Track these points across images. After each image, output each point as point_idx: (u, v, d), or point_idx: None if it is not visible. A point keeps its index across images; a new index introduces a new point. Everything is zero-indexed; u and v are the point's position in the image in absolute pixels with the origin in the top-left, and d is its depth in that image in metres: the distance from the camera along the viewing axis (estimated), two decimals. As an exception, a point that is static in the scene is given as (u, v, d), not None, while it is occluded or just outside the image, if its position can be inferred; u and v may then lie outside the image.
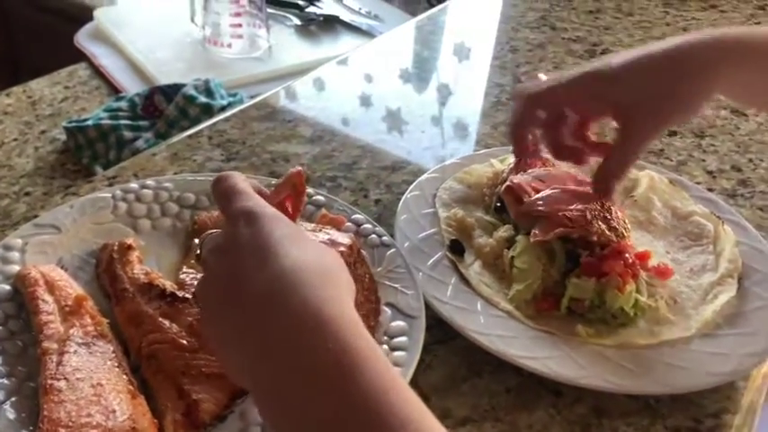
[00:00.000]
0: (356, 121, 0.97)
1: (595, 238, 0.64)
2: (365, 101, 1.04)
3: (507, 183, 0.70)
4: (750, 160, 0.92)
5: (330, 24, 1.51)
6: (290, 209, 0.53)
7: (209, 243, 0.47)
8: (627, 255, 0.64)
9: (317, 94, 1.05)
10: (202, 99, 1.13)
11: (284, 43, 1.43)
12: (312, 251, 0.43)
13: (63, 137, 1.14)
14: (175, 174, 0.80)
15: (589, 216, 0.65)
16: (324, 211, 0.70)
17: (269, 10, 1.43)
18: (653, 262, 0.68)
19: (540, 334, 0.61)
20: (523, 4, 1.35)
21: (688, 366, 0.59)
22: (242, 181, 0.48)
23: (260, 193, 0.50)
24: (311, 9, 1.54)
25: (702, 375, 0.58)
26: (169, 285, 0.60)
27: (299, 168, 0.54)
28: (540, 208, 0.67)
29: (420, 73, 1.15)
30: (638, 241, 0.71)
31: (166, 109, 1.14)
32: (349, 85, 1.08)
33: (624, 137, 0.62)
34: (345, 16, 1.53)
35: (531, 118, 0.67)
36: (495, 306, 0.64)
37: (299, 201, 0.54)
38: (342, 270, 0.44)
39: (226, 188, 0.47)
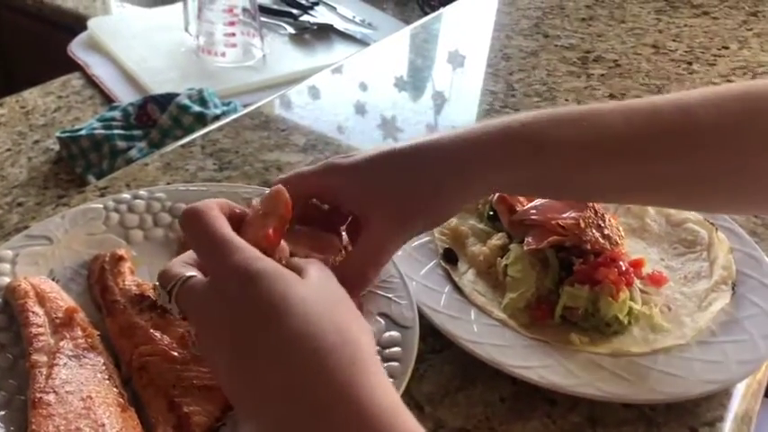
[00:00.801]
0: (351, 130, 0.97)
1: (589, 246, 0.64)
2: (360, 109, 1.04)
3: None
4: (744, 166, 0.92)
5: (324, 33, 1.52)
6: (271, 234, 0.47)
7: (191, 297, 0.43)
8: (620, 262, 0.64)
9: (311, 103, 1.04)
10: (196, 108, 1.13)
11: (278, 52, 1.44)
12: (325, 313, 0.40)
13: (56, 147, 1.13)
14: (168, 184, 0.80)
15: (582, 224, 0.65)
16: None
17: (263, 19, 1.43)
18: (647, 269, 0.68)
19: (534, 343, 0.61)
20: (517, 12, 1.35)
21: (683, 374, 0.59)
22: (216, 219, 0.43)
23: (233, 216, 0.45)
24: (305, 18, 1.54)
25: (698, 383, 0.58)
26: (161, 296, 0.59)
27: (282, 191, 0.47)
28: (533, 217, 0.66)
29: (414, 81, 1.15)
30: (631, 249, 0.71)
31: (160, 118, 1.14)
32: (343, 94, 1.08)
33: (361, 242, 0.52)
34: (339, 25, 1.53)
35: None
36: (488, 315, 0.63)
37: (283, 226, 0.47)
38: (356, 322, 0.41)
39: (202, 236, 0.42)
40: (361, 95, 1.08)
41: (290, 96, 1.05)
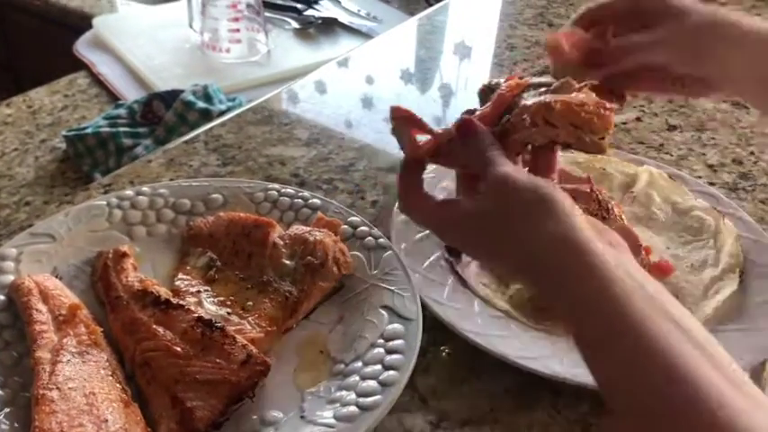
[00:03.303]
0: (357, 123, 0.97)
1: (593, 236, 0.63)
2: (366, 102, 1.03)
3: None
4: (751, 153, 0.91)
5: (329, 27, 1.51)
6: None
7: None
8: (625, 251, 0.63)
9: (314, 97, 1.04)
10: (201, 104, 1.13)
11: (283, 47, 1.43)
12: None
13: (63, 145, 1.14)
14: (171, 180, 0.80)
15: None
16: (320, 214, 0.70)
17: (267, 14, 1.42)
18: (653, 258, 0.67)
19: (538, 333, 0.61)
20: (521, 2, 1.34)
21: (689, 363, 0.58)
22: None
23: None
24: (309, 12, 1.53)
25: (704, 372, 0.57)
26: (163, 292, 0.59)
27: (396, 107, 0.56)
28: (536, 206, 0.66)
29: (421, 73, 1.14)
30: (637, 238, 0.70)
31: (165, 115, 1.14)
32: (349, 87, 1.08)
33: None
34: (344, 18, 1.52)
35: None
36: (492, 306, 0.63)
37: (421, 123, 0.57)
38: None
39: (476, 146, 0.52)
40: (367, 88, 1.08)
41: (294, 90, 1.05)
